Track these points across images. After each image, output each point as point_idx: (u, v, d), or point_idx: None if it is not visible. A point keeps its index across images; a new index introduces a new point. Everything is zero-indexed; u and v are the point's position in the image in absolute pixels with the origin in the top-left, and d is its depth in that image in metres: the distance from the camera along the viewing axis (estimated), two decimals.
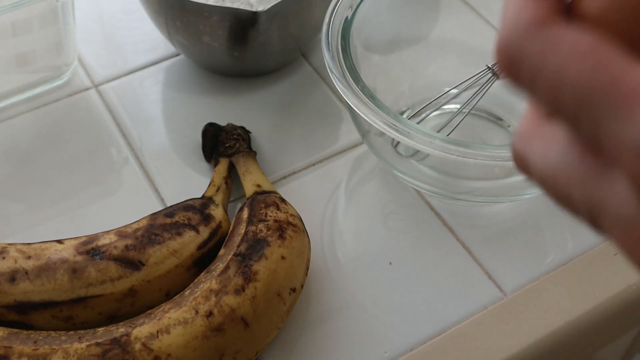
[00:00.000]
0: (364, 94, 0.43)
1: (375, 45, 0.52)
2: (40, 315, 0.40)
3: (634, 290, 0.46)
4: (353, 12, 0.47)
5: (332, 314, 0.45)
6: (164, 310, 0.39)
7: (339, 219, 0.49)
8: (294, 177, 0.51)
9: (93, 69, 0.58)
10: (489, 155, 0.40)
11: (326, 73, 0.50)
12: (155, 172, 0.51)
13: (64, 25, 0.53)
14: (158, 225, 0.42)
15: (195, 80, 0.57)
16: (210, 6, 0.49)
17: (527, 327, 0.44)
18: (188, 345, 0.38)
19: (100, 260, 0.40)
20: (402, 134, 0.41)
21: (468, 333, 0.44)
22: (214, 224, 0.44)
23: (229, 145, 0.50)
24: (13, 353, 0.37)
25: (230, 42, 0.52)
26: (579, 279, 0.46)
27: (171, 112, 0.56)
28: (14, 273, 0.40)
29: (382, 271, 0.47)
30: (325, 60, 0.44)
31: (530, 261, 0.47)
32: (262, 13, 0.49)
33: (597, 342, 0.54)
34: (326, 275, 0.46)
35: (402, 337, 0.44)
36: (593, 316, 0.45)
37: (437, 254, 0.47)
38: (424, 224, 0.49)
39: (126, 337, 0.38)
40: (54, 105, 0.55)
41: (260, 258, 0.41)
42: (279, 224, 0.43)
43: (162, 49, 0.59)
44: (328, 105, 0.56)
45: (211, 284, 0.40)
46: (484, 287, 0.46)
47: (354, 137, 0.54)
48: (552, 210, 0.50)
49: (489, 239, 0.48)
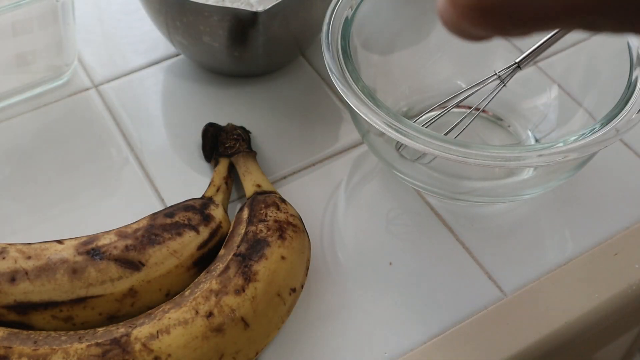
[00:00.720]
0: (364, 94, 0.43)
1: (375, 45, 0.52)
2: (40, 315, 0.40)
3: (634, 290, 0.46)
4: (353, 12, 0.47)
5: (332, 314, 0.45)
6: (164, 311, 0.39)
7: (339, 219, 0.49)
8: (294, 177, 0.51)
9: (93, 69, 0.58)
10: (489, 155, 0.40)
11: (326, 73, 0.50)
12: (155, 172, 0.51)
13: (64, 25, 0.53)
14: (158, 225, 0.42)
15: (195, 81, 0.57)
16: (210, 6, 0.49)
17: (527, 327, 0.44)
18: (188, 345, 0.38)
19: (100, 261, 0.40)
20: (402, 134, 0.41)
21: (468, 333, 0.44)
22: (214, 224, 0.44)
23: (229, 145, 0.50)
24: (13, 353, 0.37)
25: (230, 42, 0.52)
26: (579, 279, 0.46)
27: (171, 112, 0.56)
28: (14, 273, 0.40)
29: (382, 271, 0.47)
30: (325, 60, 0.44)
31: (530, 261, 0.47)
32: (262, 13, 0.49)
33: (597, 342, 0.54)
34: (326, 275, 0.46)
35: (402, 337, 0.44)
36: (593, 316, 0.45)
37: (437, 254, 0.47)
38: (424, 224, 0.49)
39: (126, 337, 0.38)
40: (54, 105, 0.55)
41: (260, 258, 0.41)
42: (279, 224, 0.43)
43: (162, 49, 0.59)
44: (328, 105, 0.56)
45: (211, 284, 0.40)
46: (484, 287, 0.46)
47: (354, 137, 0.54)
48: (552, 210, 0.50)
49: (489, 239, 0.48)
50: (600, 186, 0.51)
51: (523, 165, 0.41)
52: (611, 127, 0.42)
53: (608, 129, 0.42)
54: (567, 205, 0.50)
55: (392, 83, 0.53)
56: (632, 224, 0.49)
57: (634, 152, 0.53)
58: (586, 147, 0.41)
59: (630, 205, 0.50)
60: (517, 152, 0.41)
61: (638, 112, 0.42)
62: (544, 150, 0.41)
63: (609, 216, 0.49)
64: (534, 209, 0.50)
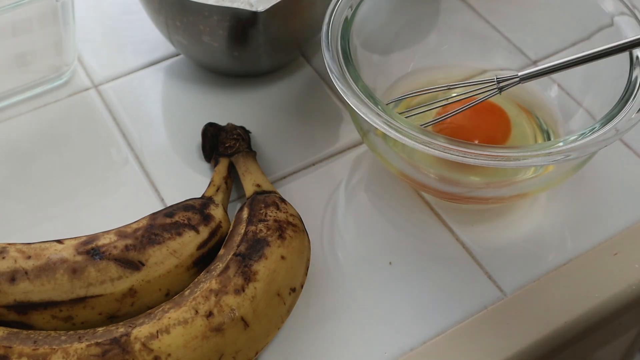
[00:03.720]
0: (364, 94, 0.43)
1: (375, 45, 0.52)
2: (40, 315, 0.40)
3: (634, 290, 0.46)
4: (353, 12, 0.47)
5: (332, 314, 0.45)
6: (164, 310, 0.39)
7: (339, 219, 0.49)
8: (294, 177, 0.51)
9: (93, 69, 0.58)
10: (489, 155, 0.40)
11: (326, 73, 0.50)
12: (155, 172, 0.51)
13: (64, 25, 0.53)
14: (158, 225, 0.42)
15: (195, 80, 0.57)
16: (210, 6, 0.49)
17: (527, 327, 0.44)
18: (188, 345, 0.38)
19: (100, 260, 0.41)
20: (402, 133, 0.41)
21: (468, 333, 0.44)
22: (213, 223, 0.44)
23: (229, 145, 0.50)
24: (13, 353, 0.37)
25: (230, 42, 0.52)
26: (579, 279, 0.46)
27: (171, 112, 0.56)
28: (14, 273, 0.40)
29: (382, 271, 0.47)
30: (325, 60, 0.44)
31: (530, 261, 0.47)
32: (262, 13, 0.49)
33: (597, 342, 0.54)
34: (326, 275, 0.46)
35: (402, 337, 0.44)
36: (593, 316, 0.45)
37: (437, 254, 0.47)
38: (424, 224, 0.49)
39: (126, 337, 0.38)
40: (54, 105, 0.55)
41: (260, 258, 0.41)
42: (278, 223, 0.43)
43: (162, 49, 0.59)
44: (328, 105, 0.56)
45: (211, 284, 0.40)
46: (484, 287, 0.46)
47: (354, 137, 0.54)
48: (552, 210, 0.50)
49: (489, 239, 0.48)
50: (600, 186, 0.51)
51: (523, 165, 0.41)
52: (611, 126, 0.42)
53: (608, 129, 0.42)
54: (567, 205, 0.50)
55: (392, 83, 0.53)
56: (632, 224, 0.49)
57: (634, 152, 0.53)
58: (586, 147, 0.41)
59: (630, 205, 0.50)
60: (517, 152, 0.41)
61: (638, 111, 0.42)
62: (544, 150, 0.41)
63: (609, 216, 0.49)
64: (534, 208, 0.50)
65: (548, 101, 0.52)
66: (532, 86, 0.52)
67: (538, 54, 0.54)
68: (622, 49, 0.43)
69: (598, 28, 0.49)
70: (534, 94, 0.53)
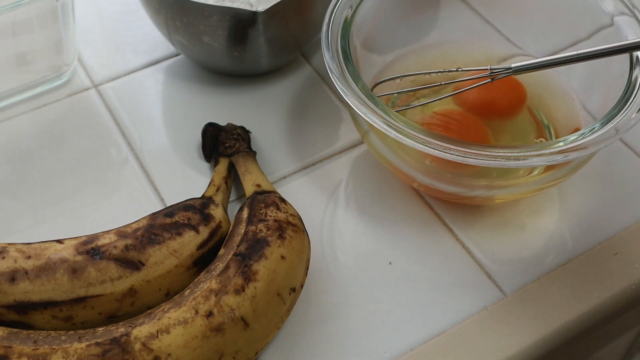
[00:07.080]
0: (363, 94, 0.43)
1: (375, 45, 0.52)
2: (40, 315, 0.40)
3: (634, 290, 0.46)
4: (353, 12, 0.47)
5: (332, 314, 0.45)
6: (164, 310, 0.39)
7: (339, 219, 0.49)
8: (294, 177, 0.51)
9: (93, 69, 0.58)
10: (489, 154, 0.40)
11: (326, 73, 0.50)
12: (155, 172, 0.51)
13: (64, 25, 0.53)
14: (158, 225, 0.42)
15: (195, 80, 0.57)
16: (210, 6, 0.49)
17: (527, 327, 0.44)
18: (188, 345, 0.38)
19: (100, 260, 0.41)
20: (402, 133, 0.41)
21: (468, 333, 0.44)
22: (213, 223, 0.44)
23: (229, 145, 0.50)
24: (13, 353, 0.37)
25: (230, 42, 0.52)
26: (578, 279, 0.46)
27: (171, 112, 0.56)
28: (14, 273, 0.40)
29: (382, 271, 0.47)
30: (325, 60, 0.44)
31: (530, 261, 0.47)
32: (262, 13, 0.49)
33: (597, 341, 0.54)
34: (326, 275, 0.46)
35: (402, 337, 0.44)
36: (593, 316, 0.45)
37: (437, 254, 0.48)
38: (424, 224, 0.49)
39: (126, 337, 0.38)
40: (54, 105, 0.55)
41: (260, 258, 0.41)
42: (278, 223, 0.43)
43: (162, 49, 0.59)
44: (328, 105, 0.56)
45: (211, 284, 0.40)
46: (484, 287, 0.46)
47: (354, 137, 0.54)
48: (552, 209, 0.50)
49: (489, 239, 0.48)
50: (600, 186, 0.51)
51: (523, 165, 0.41)
52: (611, 126, 0.42)
53: (608, 129, 0.42)
54: (567, 205, 0.50)
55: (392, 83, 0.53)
56: (632, 223, 0.49)
57: (634, 152, 0.53)
58: (586, 147, 0.41)
59: (630, 205, 0.50)
60: (517, 152, 0.41)
61: (638, 111, 0.42)
62: (544, 150, 0.41)
63: (609, 216, 0.49)
64: (534, 208, 0.50)
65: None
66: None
67: (538, 53, 0.54)
68: (616, 52, 0.43)
69: (598, 28, 0.49)
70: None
